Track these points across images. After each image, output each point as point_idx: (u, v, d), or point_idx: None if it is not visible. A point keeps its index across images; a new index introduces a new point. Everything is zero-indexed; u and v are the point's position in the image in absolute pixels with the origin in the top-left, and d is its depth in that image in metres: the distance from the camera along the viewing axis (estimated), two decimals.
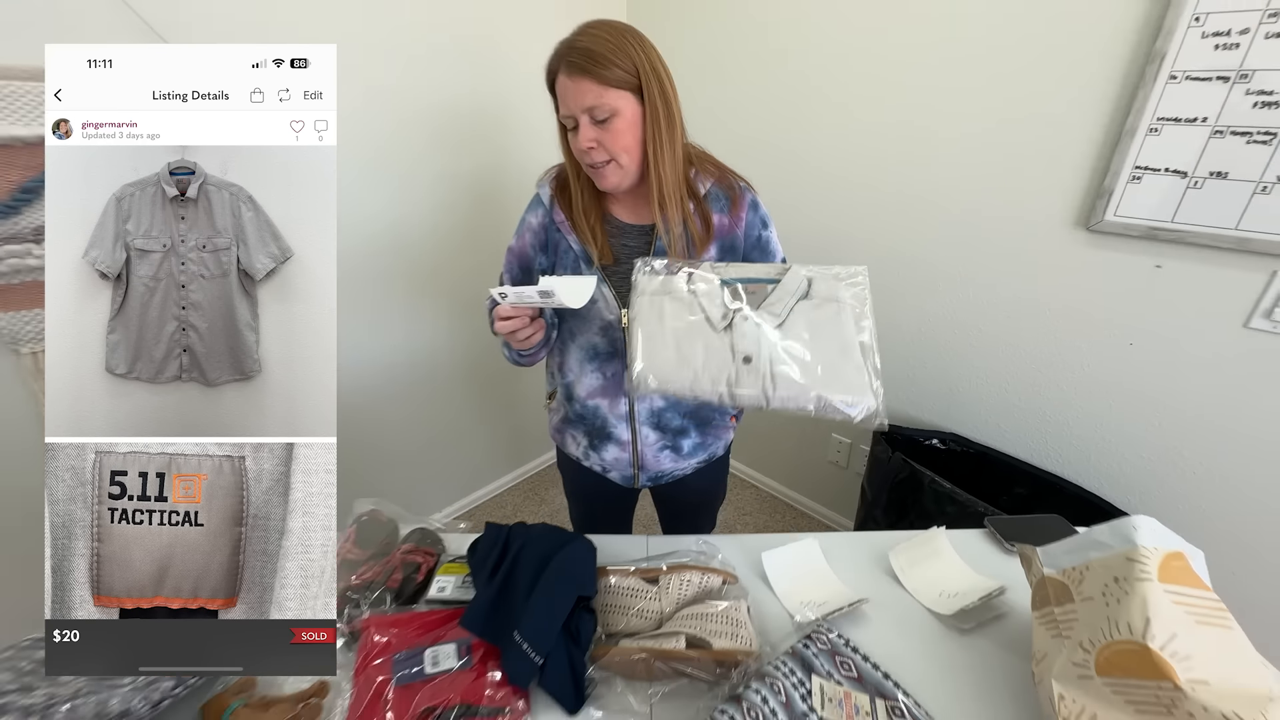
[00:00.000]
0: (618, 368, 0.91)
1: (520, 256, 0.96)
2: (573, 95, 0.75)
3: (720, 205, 0.87)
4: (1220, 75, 0.98)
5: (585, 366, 0.93)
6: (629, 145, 0.78)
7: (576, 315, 0.90)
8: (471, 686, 0.68)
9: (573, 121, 0.77)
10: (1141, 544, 0.60)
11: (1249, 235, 1.02)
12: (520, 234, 0.95)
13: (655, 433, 0.96)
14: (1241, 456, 1.14)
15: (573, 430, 1.00)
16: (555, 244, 0.90)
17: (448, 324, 1.76)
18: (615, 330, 0.89)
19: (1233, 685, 0.52)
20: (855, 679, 0.70)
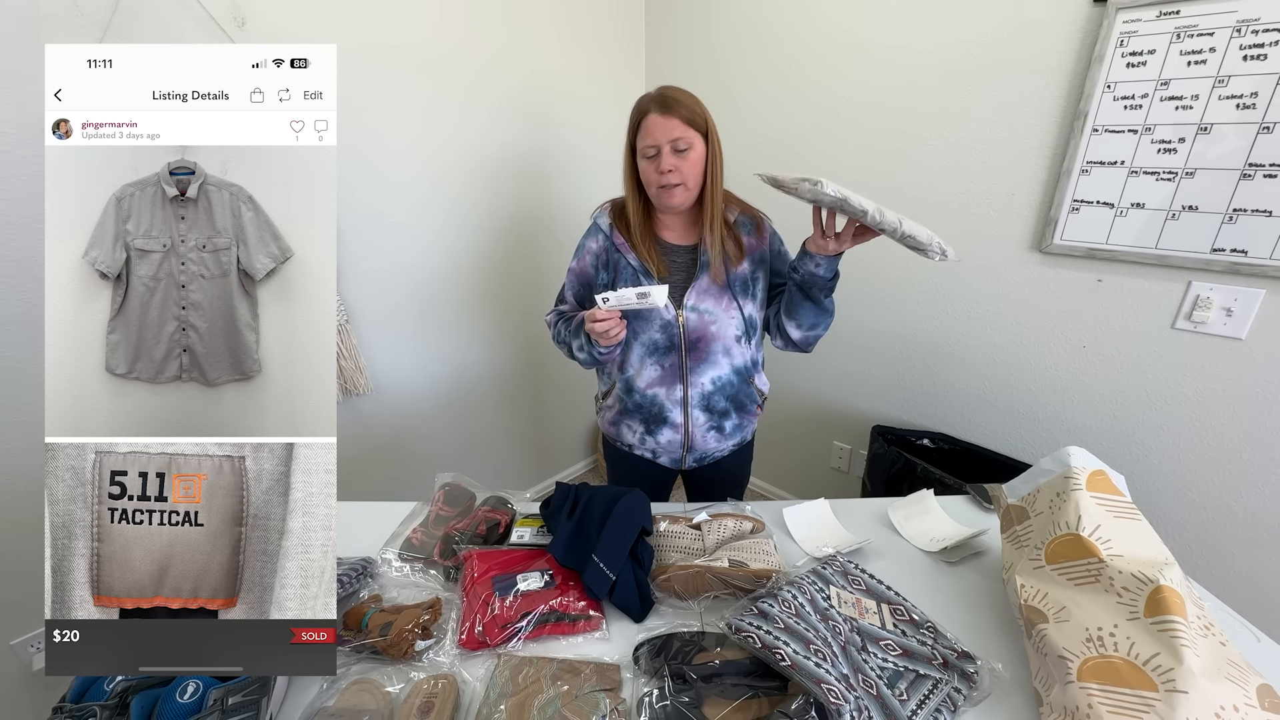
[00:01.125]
0: (674, 359, 1.12)
1: (581, 275, 1.17)
2: (662, 129, 0.99)
3: (747, 229, 1.12)
4: (1130, 129, 1.24)
5: (645, 361, 1.13)
6: (695, 175, 1.02)
7: (640, 317, 1.10)
8: (557, 599, 0.85)
9: (655, 150, 1.00)
10: (1074, 465, 0.80)
11: (1167, 253, 1.26)
12: (580, 256, 1.17)
13: (705, 414, 1.16)
14: (1177, 437, 1.34)
15: (629, 420, 1.19)
16: (615, 263, 1.12)
17: (491, 341, 1.97)
18: (673, 328, 1.10)
19: (1140, 556, 0.71)
20: (865, 590, 0.87)
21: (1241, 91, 1.12)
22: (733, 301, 1.09)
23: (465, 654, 0.79)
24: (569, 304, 1.22)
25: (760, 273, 1.12)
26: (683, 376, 1.12)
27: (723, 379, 1.14)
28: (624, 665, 0.77)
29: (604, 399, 1.25)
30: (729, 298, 1.09)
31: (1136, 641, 0.63)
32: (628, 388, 1.16)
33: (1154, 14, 1.17)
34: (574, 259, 1.18)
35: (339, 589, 0.84)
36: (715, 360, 1.12)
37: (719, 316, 1.09)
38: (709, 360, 1.12)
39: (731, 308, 1.09)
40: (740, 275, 1.10)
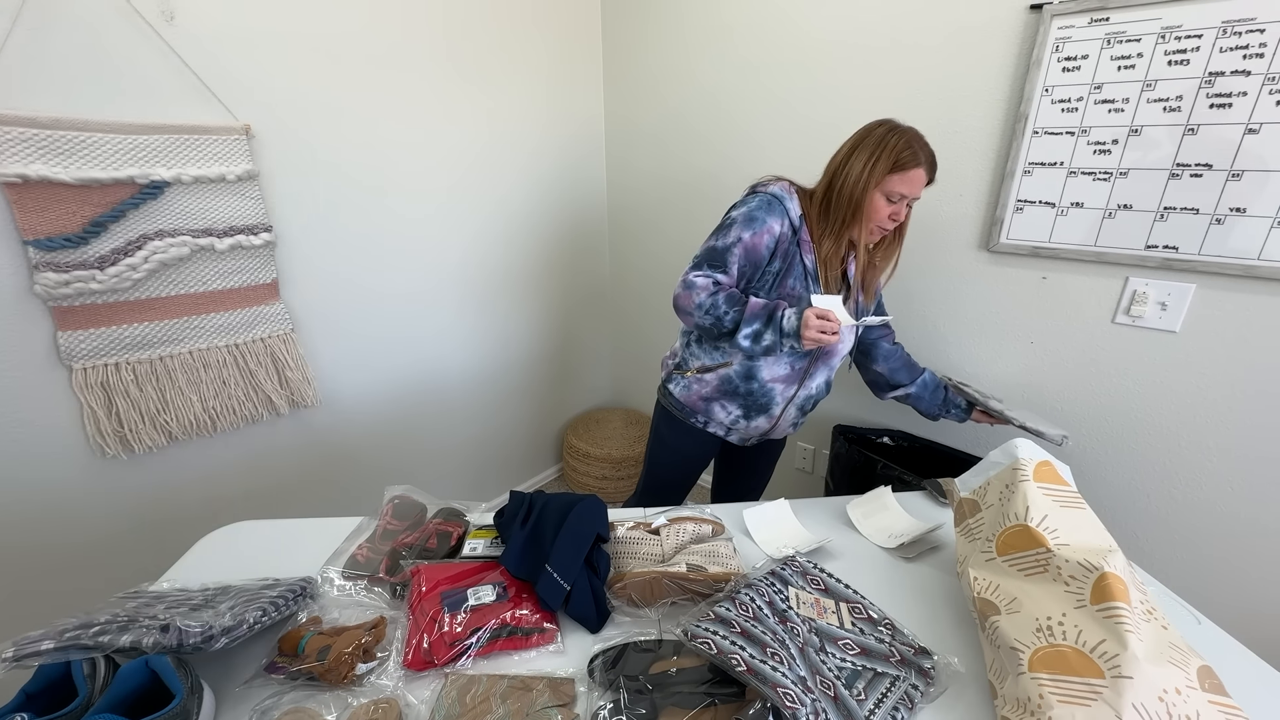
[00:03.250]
0: (803, 365, 1.18)
1: (753, 251, 1.09)
2: (918, 185, 1.06)
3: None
4: (1068, 131, 1.29)
5: (784, 357, 1.16)
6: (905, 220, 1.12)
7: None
8: (509, 612, 0.82)
9: (900, 198, 1.06)
10: (1021, 457, 0.81)
11: (1105, 250, 1.30)
12: (758, 231, 1.08)
13: (797, 413, 1.26)
14: (1119, 427, 1.39)
15: (726, 401, 1.22)
16: (792, 256, 1.10)
17: (448, 349, 1.91)
18: None
19: (1085, 545, 0.72)
20: (823, 590, 0.86)
21: (1168, 95, 1.17)
22: (854, 326, 1.15)
23: (411, 675, 0.75)
24: (730, 276, 1.10)
25: (867, 308, 1.22)
26: (801, 380, 1.20)
27: (819, 387, 1.25)
28: (579, 678, 0.74)
29: (698, 371, 1.23)
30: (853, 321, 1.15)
31: (1084, 629, 0.64)
32: (747, 375, 1.18)
33: (1086, 20, 1.21)
34: (747, 229, 1.08)
35: (274, 612, 0.79)
36: (825, 372, 1.23)
37: (847, 338, 1.18)
38: (820, 371, 1.21)
39: (852, 332, 1.20)
40: (861, 304, 1.20)
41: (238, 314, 1.37)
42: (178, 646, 0.69)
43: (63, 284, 1.11)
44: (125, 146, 1.14)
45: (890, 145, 1.04)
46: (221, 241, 1.29)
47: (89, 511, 1.28)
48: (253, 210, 1.33)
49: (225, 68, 1.26)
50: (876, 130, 1.07)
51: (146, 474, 1.33)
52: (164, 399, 1.29)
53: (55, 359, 1.16)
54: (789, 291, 1.12)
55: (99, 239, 1.14)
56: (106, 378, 1.21)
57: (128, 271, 1.18)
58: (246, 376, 1.41)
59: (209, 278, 1.31)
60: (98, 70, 1.12)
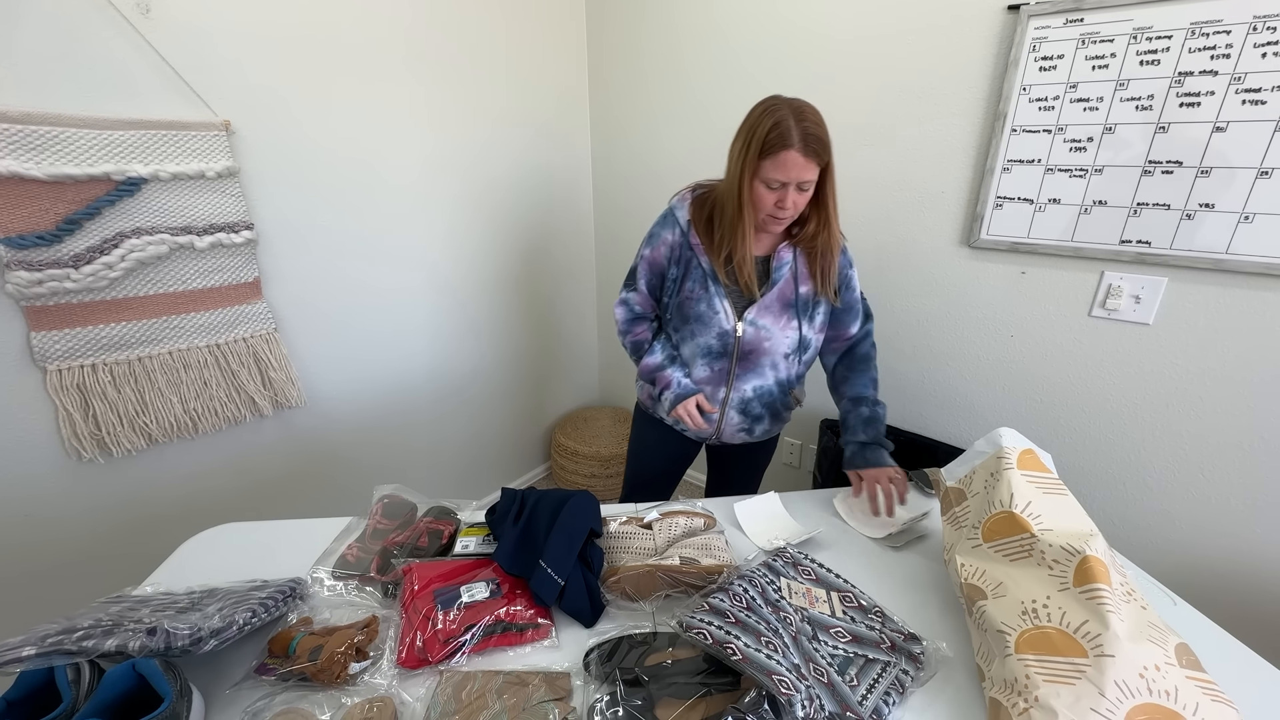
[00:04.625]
0: (724, 365, 1.14)
1: (654, 265, 1.15)
2: (797, 170, 0.95)
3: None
4: (1045, 129, 1.32)
5: (699, 360, 1.14)
6: (801, 205, 1.02)
7: (699, 320, 1.11)
8: (503, 609, 0.82)
9: (780, 184, 0.97)
10: (1005, 445, 0.83)
11: (1081, 245, 1.34)
12: (654, 245, 1.14)
13: (740, 417, 1.19)
14: (1097, 417, 1.43)
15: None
16: (687, 260, 1.10)
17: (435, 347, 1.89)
18: (729, 338, 1.11)
19: (1068, 530, 0.74)
20: (814, 580, 0.88)
21: (1140, 94, 1.20)
22: (792, 320, 1.11)
23: (405, 673, 0.74)
24: (640, 293, 1.19)
25: (822, 298, 1.13)
26: (728, 381, 1.16)
27: (764, 388, 1.17)
28: (575, 672, 0.74)
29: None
30: (789, 316, 1.11)
31: (1067, 611, 0.66)
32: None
33: (1061, 21, 1.24)
34: (647, 246, 1.16)
35: (263, 614, 0.78)
36: (762, 372, 1.15)
37: (774, 334, 1.11)
38: (756, 371, 1.15)
39: (789, 327, 1.11)
40: (805, 295, 1.11)
41: (219, 313, 1.34)
42: (165, 649, 0.67)
43: (35, 283, 1.08)
44: (100, 142, 1.11)
45: (760, 129, 0.95)
46: (201, 239, 1.27)
47: (66, 517, 1.24)
48: (233, 207, 1.31)
49: (204, 63, 1.23)
50: (753, 112, 0.99)
51: (125, 478, 1.30)
52: (143, 401, 1.26)
53: (28, 360, 1.13)
54: (688, 294, 1.11)
55: (73, 237, 1.11)
56: (82, 379, 1.18)
57: (104, 270, 1.15)
58: (228, 377, 1.38)
59: (189, 276, 1.28)
60: (72, 64, 1.09)
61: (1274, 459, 1.25)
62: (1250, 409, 1.25)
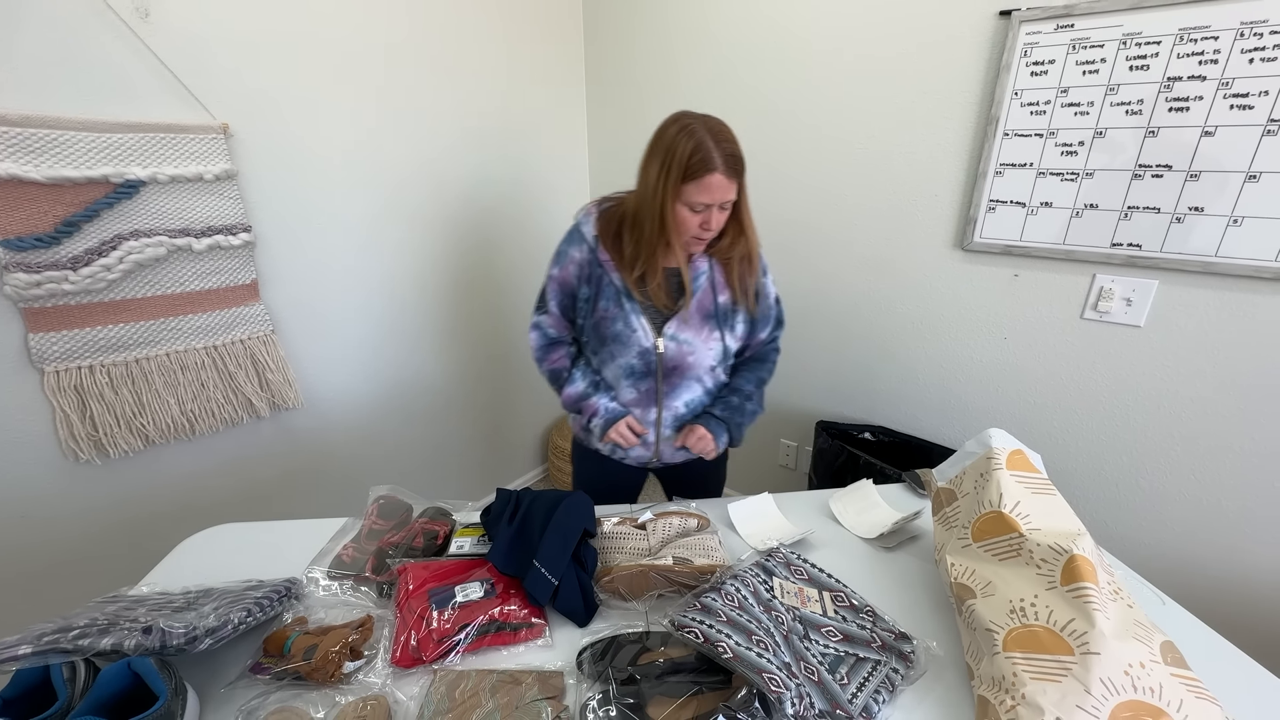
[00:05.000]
0: (650, 384, 1.10)
1: (564, 284, 1.10)
2: (721, 191, 0.93)
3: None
4: (1036, 133, 1.33)
5: (623, 381, 1.11)
6: (723, 223, 1.00)
7: (618, 340, 1.07)
8: (497, 608, 0.82)
9: (705, 207, 0.95)
10: (995, 446, 0.84)
11: (1073, 248, 1.35)
12: (563, 264, 1.09)
13: (676, 434, 1.15)
14: (1088, 419, 1.44)
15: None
16: (598, 278, 1.06)
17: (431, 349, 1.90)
18: (650, 356, 1.07)
19: (1056, 529, 0.75)
20: (807, 579, 0.88)
21: (1129, 99, 1.22)
22: (714, 331, 1.08)
23: (399, 673, 0.75)
24: (552, 315, 1.13)
25: (741, 307, 1.10)
26: (657, 400, 1.12)
27: (696, 401, 1.14)
28: (568, 671, 0.75)
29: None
30: (710, 328, 1.07)
31: (1055, 609, 0.67)
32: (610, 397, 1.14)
33: (1052, 26, 1.26)
34: (555, 266, 1.10)
35: (259, 613, 0.78)
36: (690, 386, 1.12)
37: (697, 347, 1.07)
38: (684, 386, 1.12)
39: (712, 338, 1.08)
40: (724, 305, 1.08)
41: (216, 315, 1.35)
42: (161, 648, 0.68)
43: (34, 285, 1.09)
44: (99, 145, 1.12)
45: (680, 152, 0.92)
46: (199, 242, 1.27)
47: (63, 518, 1.25)
48: (231, 210, 1.32)
49: (203, 66, 1.24)
50: (667, 131, 0.95)
51: (123, 479, 1.31)
52: (140, 402, 1.27)
53: (26, 361, 1.13)
54: (603, 314, 1.07)
55: (72, 239, 1.12)
56: (80, 380, 1.18)
57: (102, 272, 1.16)
58: (226, 379, 1.39)
59: (186, 278, 1.29)
60: (71, 67, 1.09)
61: (1265, 461, 1.26)
62: (1240, 411, 1.26)
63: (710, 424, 1.10)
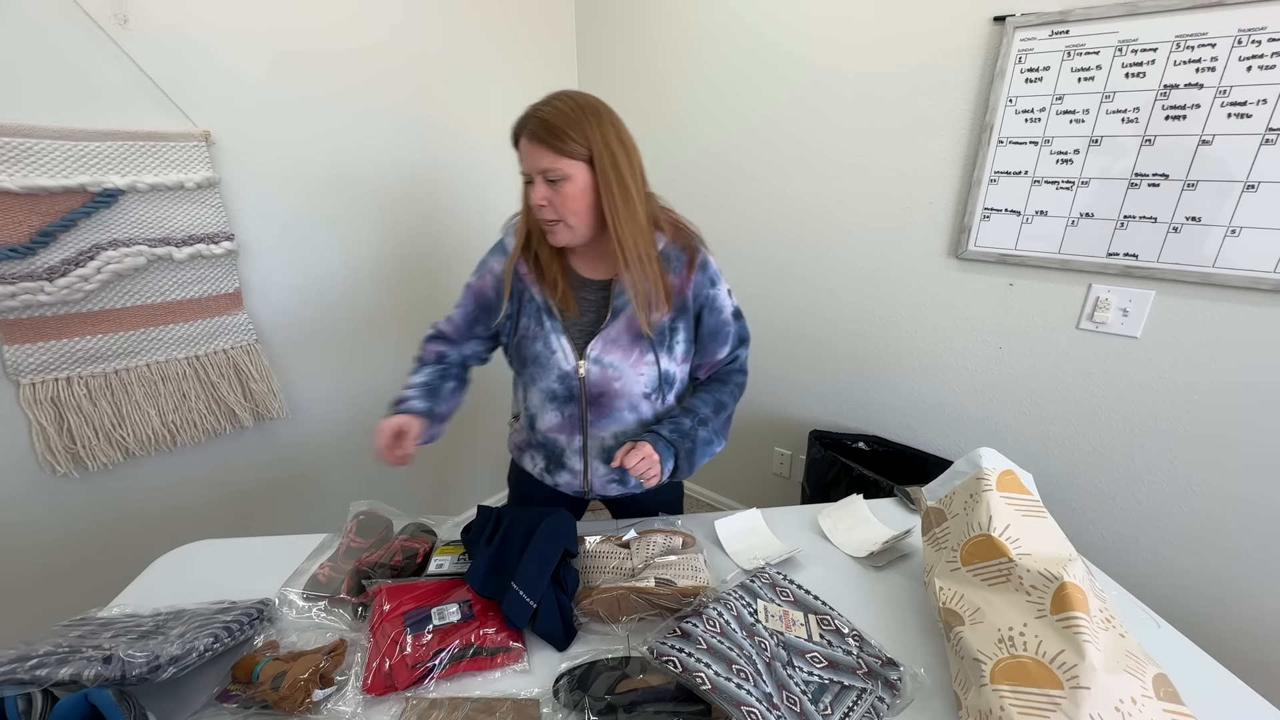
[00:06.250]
0: (574, 410, 0.97)
1: (479, 295, 1.01)
2: (530, 157, 0.85)
3: (674, 265, 0.94)
4: (1031, 140, 1.31)
5: (546, 405, 0.99)
6: (578, 210, 0.86)
7: (536, 363, 0.96)
8: (475, 632, 0.80)
9: (529, 178, 0.87)
10: (985, 466, 0.82)
11: (1069, 257, 1.33)
12: (481, 275, 1.01)
13: (605, 467, 1.01)
14: (1085, 432, 1.42)
15: (533, 451, 1.07)
16: (519, 293, 0.97)
17: None
18: (571, 380, 0.95)
19: (1046, 554, 0.72)
20: (792, 601, 0.86)
21: (1125, 106, 1.20)
22: (646, 354, 0.94)
23: (370, 700, 0.72)
24: (452, 321, 1.05)
25: (681, 322, 0.95)
26: (582, 428, 0.99)
27: (627, 435, 0.98)
28: (544, 699, 0.73)
29: (515, 420, 1.13)
30: (641, 350, 0.93)
31: (1044, 640, 0.64)
32: (531, 424, 1.04)
33: (1047, 33, 1.24)
34: (474, 275, 1.03)
35: (226, 639, 0.76)
36: (619, 415, 0.97)
37: (625, 372, 0.94)
38: (612, 415, 0.97)
39: (643, 362, 0.94)
40: (659, 324, 0.93)
41: (198, 325, 1.33)
42: (121, 679, 0.66)
43: (8, 296, 1.07)
44: (76, 153, 1.10)
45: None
46: (180, 251, 1.25)
47: (40, 533, 1.22)
48: (213, 218, 1.30)
49: (184, 73, 1.22)
50: None
51: (102, 492, 1.28)
52: (120, 414, 1.24)
53: (1, 374, 1.11)
54: (524, 333, 0.97)
55: (48, 249, 1.10)
56: (57, 393, 1.16)
57: (79, 283, 1.13)
58: (208, 389, 1.37)
59: (167, 288, 1.27)
60: (46, 74, 1.08)
61: (1265, 474, 1.24)
62: (1239, 422, 1.24)
63: (656, 445, 0.91)
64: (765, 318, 1.92)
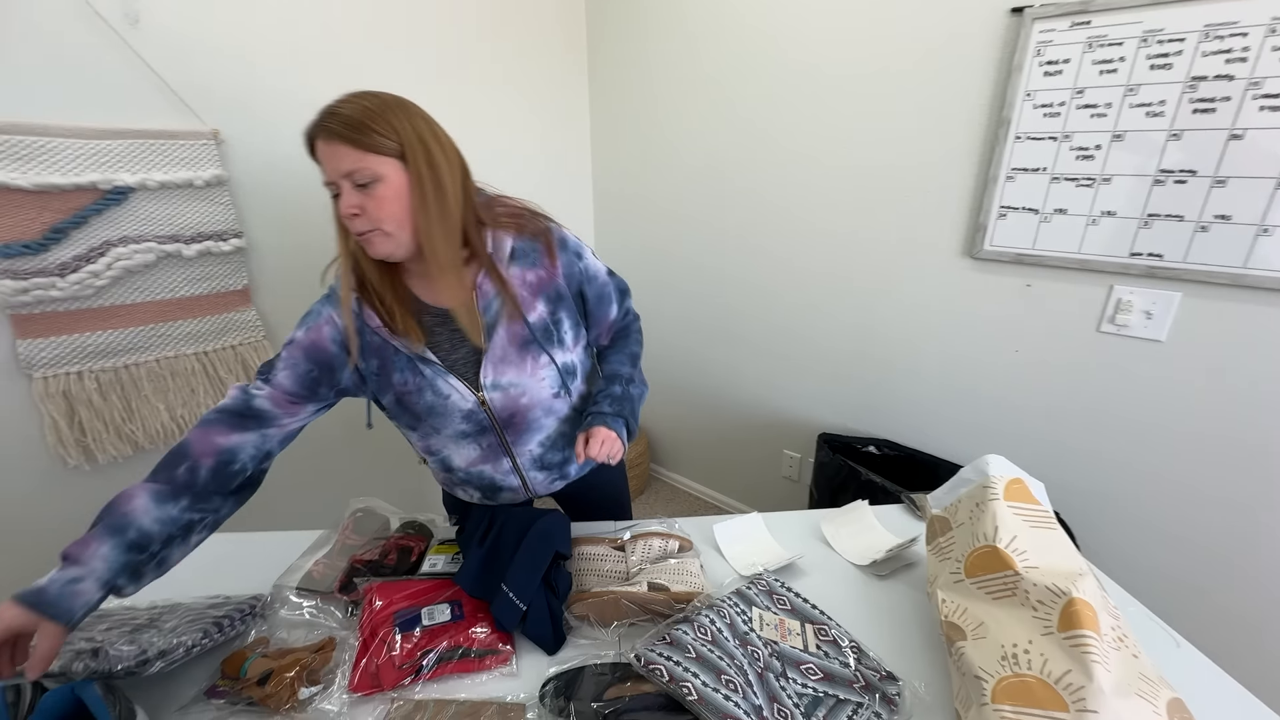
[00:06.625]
0: (491, 438, 0.91)
1: (315, 349, 0.83)
2: (331, 160, 0.73)
3: (531, 259, 0.86)
4: (1050, 136, 1.26)
5: (459, 444, 0.91)
6: (395, 213, 0.75)
7: (433, 413, 0.87)
8: (464, 633, 0.79)
9: (336, 189, 0.75)
10: (992, 474, 0.78)
11: (1089, 258, 1.28)
12: (315, 326, 0.84)
13: (543, 473, 0.98)
14: (1106, 439, 1.36)
15: (463, 486, 1.00)
16: (377, 347, 0.84)
17: None
18: (478, 413, 0.87)
19: (1055, 568, 0.69)
20: (789, 610, 0.83)
21: (1150, 100, 1.14)
22: (539, 357, 0.87)
23: (356, 700, 0.72)
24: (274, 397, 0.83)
25: (562, 311, 0.89)
26: (506, 450, 0.93)
27: (552, 436, 0.95)
28: (530, 704, 0.71)
29: (423, 462, 1.02)
30: (533, 355, 0.87)
31: (1050, 658, 0.61)
32: (446, 467, 0.96)
33: (1067, 24, 1.19)
34: (301, 329, 0.84)
35: (216, 634, 0.76)
36: (538, 425, 0.92)
37: (527, 385, 0.88)
38: (530, 429, 0.92)
39: (539, 367, 0.88)
40: (538, 323, 0.86)
41: (207, 321, 1.34)
42: (108, 672, 0.66)
43: (21, 291, 1.09)
44: (87, 151, 1.12)
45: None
46: (189, 248, 1.27)
47: (51, 524, 1.25)
48: (222, 216, 1.31)
49: (193, 71, 1.24)
50: None
51: (112, 484, 1.29)
52: (129, 408, 1.26)
53: (14, 367, 1.13)
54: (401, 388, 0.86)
55: (60, 245, 1.12)
56: (68, 386, 1.18)
57: (90, 279, 1.15)
58: (216, 385, 1.38)
59: (176, 284, 1.28)
60: (58, 74, 1.10)
61: None
62: (1271, 430, 1.18)
63: (607, 422, 0.89)
64: (773, 319, 1.89)
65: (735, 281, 1.95)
